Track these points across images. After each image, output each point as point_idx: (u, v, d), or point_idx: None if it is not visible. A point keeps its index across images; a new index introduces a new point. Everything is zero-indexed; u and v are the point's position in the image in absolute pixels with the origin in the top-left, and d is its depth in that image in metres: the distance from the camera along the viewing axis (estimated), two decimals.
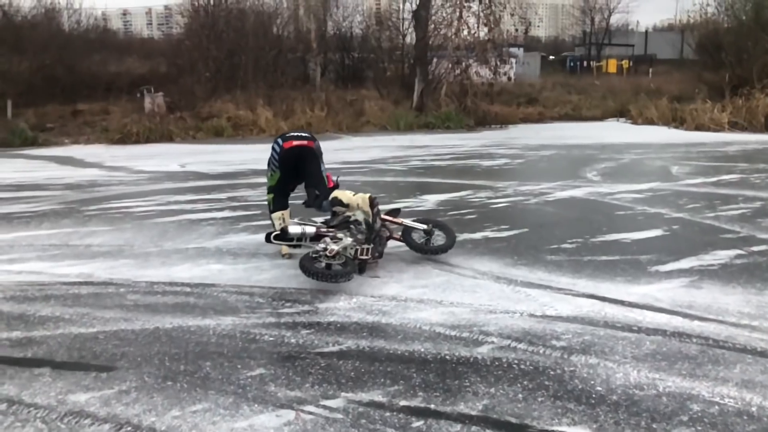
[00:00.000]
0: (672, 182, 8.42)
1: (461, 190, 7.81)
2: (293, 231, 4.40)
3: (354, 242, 4.33)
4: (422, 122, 17.02)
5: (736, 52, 19.11)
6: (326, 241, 4.22)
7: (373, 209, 4.56)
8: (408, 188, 8.19)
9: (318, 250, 4.16)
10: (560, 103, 21.54)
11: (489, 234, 5.63)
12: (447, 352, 3.20)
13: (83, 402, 2.72)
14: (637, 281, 4.30)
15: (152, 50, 24.04)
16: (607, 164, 10.23)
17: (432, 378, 2.93)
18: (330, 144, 12.86)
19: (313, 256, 4.12)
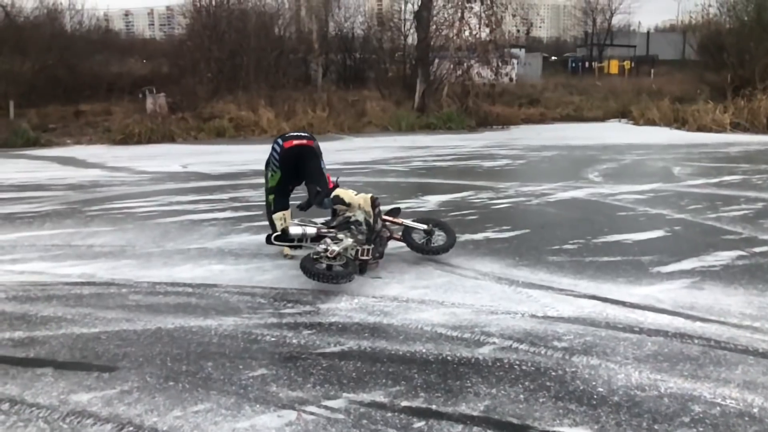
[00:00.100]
0: (674, 183, 8.41)
1: (463, 191, 7.81)
2: (294, 232, 4.38)
3: (355, 243, 4.33)
4: (424, 123, 17.03)
5: (738, 53, 19.07)
6: (327, 242, 4.22)
7: (375, 210, 4.56)
8: (409, 189, 8.20)
9: (319, 251, 4.15)
10: (562, 104, 21.53)
11: (490, 235, 5.63)
12: (448, 353, 3.20)
13: (85, 402, 2.72)
14: (639, 282, 4.30)
15: (154, 51, 24.10)
16: (609, 165, 10.23)
17: (433, 379, 2.93)
18: (331, 144, 12.88)
19: (314, 258, 4.12)
